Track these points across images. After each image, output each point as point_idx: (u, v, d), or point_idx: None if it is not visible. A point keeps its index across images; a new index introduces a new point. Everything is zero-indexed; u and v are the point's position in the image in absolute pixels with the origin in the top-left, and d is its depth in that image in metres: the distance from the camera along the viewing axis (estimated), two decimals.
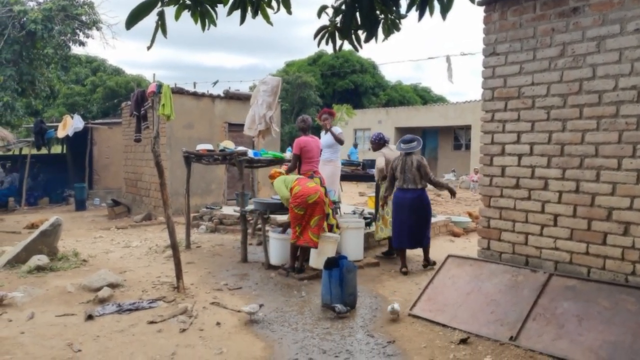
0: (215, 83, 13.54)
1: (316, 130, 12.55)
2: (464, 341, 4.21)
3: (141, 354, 3.82)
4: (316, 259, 6.28)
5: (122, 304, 4.83)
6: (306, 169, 6.62)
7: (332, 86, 31.88)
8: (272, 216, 6.88)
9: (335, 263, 5.15)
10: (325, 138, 7.40)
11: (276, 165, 7.82)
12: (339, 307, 4.79)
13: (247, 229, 7.13)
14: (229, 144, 7.70)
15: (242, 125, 13.41)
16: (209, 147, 7.77)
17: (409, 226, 6.47)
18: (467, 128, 23.05)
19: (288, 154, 8.00)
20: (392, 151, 7.37)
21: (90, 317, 4.46)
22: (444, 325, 4.57)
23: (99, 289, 5.16)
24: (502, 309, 4.45)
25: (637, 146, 4.05)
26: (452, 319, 4.60)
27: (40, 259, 6.02)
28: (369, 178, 8.31)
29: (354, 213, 8.10)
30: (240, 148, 7.31)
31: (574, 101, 4.41)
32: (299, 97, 27.28)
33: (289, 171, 6.82)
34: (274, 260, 6.57)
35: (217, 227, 10.00)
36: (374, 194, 11.22)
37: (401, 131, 25.52)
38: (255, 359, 3.84)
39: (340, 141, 7.38)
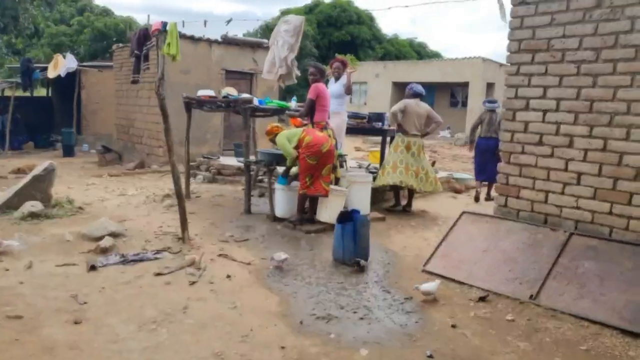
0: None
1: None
2: (482, 299, 4.12)
3: (150, 306, 3.67)
4: (324, 213, 6.12)
5: (126, 254, 4.65)
6: (319, 117, 6.33)
7: (328, 37, 31.06)
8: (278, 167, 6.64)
9: (349, 217, 4.99)
10: (334, 88, 7.09)
11: (281, 114, 7.54)
12: (362, 261, 4.69)
13: (251, 178, 6.91)
14: (232, 91, 7.36)
15: (240, 73, 13.08)
16: (211, 93, 7.44)
17: (488, 164, 8.01)
18: (465, 85, 22.69)
19: (293, 104, 7.71)
20: (419, 106, 7.17)
21: (93, 268, 4.28)
22: (460, 283, 4.48)
23: (100, 238, 4.96)
24: (521, 267, 4.36)
25: None
26: (468, 276, 4.51)
27: (34, 206, 5.78)
28: (375, 131, 8.07)
29: (360, 167, 7.91)
30: (245, 95, 6.99)
31: (607, 55, 4.18)
32: None
33: (301, 116, 6.57)
34: (280, 212, 6.40)
35: (214, 177, 9.78)
36: (374, 149, 11.07)
37: (398, 86, 25.08)
38: (270, 314, 3.71)
39: (350, 90, 7.10)
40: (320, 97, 6.30)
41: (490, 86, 22.28)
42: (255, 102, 6.89)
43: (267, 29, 27.88)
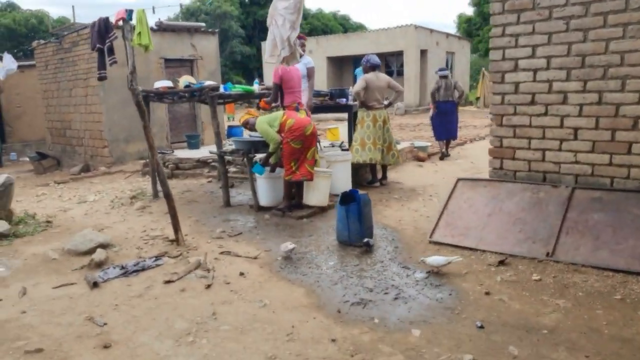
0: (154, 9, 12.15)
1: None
2: (502, 262, 4.15)
3: (177, 318, 3.39)
4: (311, 196, 5.97)
5: (125, 265, 4.28)
6: (290, 100, 6.10)
7: (252, 16, 30.34)
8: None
9: (351, 198, 4.86)
10: (300, 66, 6.85)
11: (245, 99, 7.21)
12: (370, 240, 4.59)
13: (227, 170, 6.59)
14: (190, 79, 6.95)
15: (179, 60, 12.43)
16: (169, 84, 6.98)
17: (449, 124, 9.75)
18: (399, 54, 22.93)
19: (256, 87, 7.41)
20: (378, 79, 7.07)
21: (95, 285, 3.90)
22: (471, 249, 4.49)
23: (88, 252, 4.54)
24: (530, 227, 4.43)
25: None
26: (479, 242, 4.53)
27: None
28: (340, 108, 7.94)
29: (333, 146, 7.77)
30: (210, 82, 6.61)
31: (597, 9, 4.25)
32: (220, 28, 25.65)
33: (269, 103, 6.30)
34: (264, 201, 6.16)
35: (173, 173, 9.29)
36: (331, 127, 10.95)
37: (333, 60, 24.96)
38: (304, 307, 3.54)
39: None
40: (286, 80, 6.05)
41: (423, 53, 22.65)
42: (221, 89, 6.54)
43: (188, 12, 26.79)
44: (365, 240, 4.63)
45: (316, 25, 32.69)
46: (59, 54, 11.90)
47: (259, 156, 6.22)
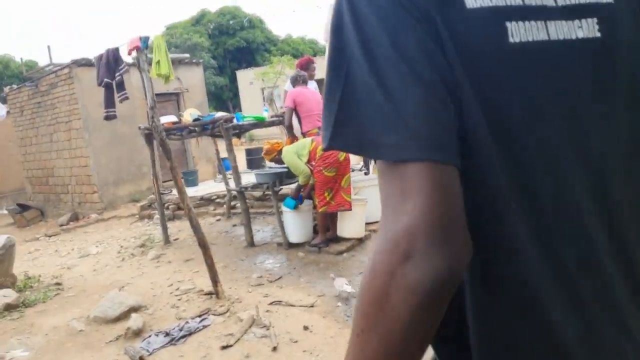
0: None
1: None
2: None
3: None
4: (348, 227, 5.46)
5: (169, 331, 3.67)
6: (309, 126, 5.66)
7: (222, 46, 29.98)
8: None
9: None
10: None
11: (258, 128, 6.74)
12: None
13: (248, 207, 6.06)
14: (196, 111, 6.45)
15: (164, 95, 11.82)
16: (173, 118, 6.45)
17: None
18: None
19: (265, 114, 6.94)
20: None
21: None
22: None
23: (119, 319, 3.93)
24: None
25: None
26: None
27: (6, 295, 4.52)
28: None
29: (352, 170, 7.31)
30: (221, 114, 6.10)
31: None
32: None
33: (288, 129, 5.84)
34: (293, 237, 5.62)
35: (175, 214, 8.68)
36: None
37: (319, 83, 24.60)
38: None
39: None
40: (299, 102, 5.64)
41: None
42: (235, 119, 6.04)
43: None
44: None
45: (287, 51, 32.48)
46: (35, 98, 11.20)
47: (287, 188, 5.71)
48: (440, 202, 0.52)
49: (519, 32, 0.59)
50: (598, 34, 0.63)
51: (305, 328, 3.61)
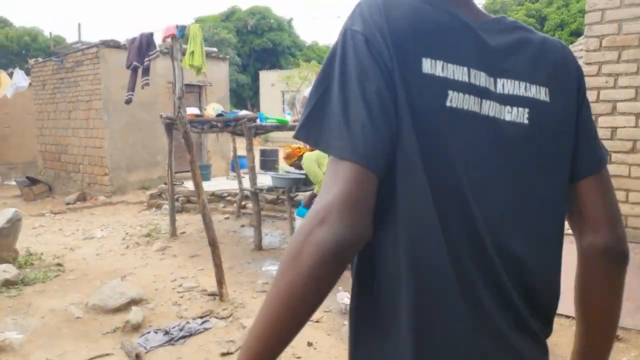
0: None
1: None
2: (616, 338, 3.54)
3: None
4: None
5: (169, 329, 3.53)
6: None
7: (248, 44, 30.00)
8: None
9: None
10: None
11: (280, 131, 6.60)
12: None
13: (260, 210, 5.91)
14: (220, 107, 6.34)
15: (187, 86, 11.75)
16: (196, 111, 6.35)
17: None
18: None
19: (289, 117, 6.81)
20: None
21: (138, 358, 3.15)
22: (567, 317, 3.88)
23: (118, 309, 3.79)
24: (638, 293, 3.83)
25: None
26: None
27: (6, 270, 4.39)
28: None
29: None
30: (245, 112, 5.99)
31: None
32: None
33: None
34: None
35: (184, 207, 8.57)
36: None
37: None
38: None
39: None
40: None
41: None
42: (258, 119, 5.91)
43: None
44: None
45: (312, 57, 32.49)
46: (60, 74, 11.17)
47: (303, 195, 5.57)
48: (354, 191, 0.70)
49: (457, 100, 0.77)
50: (526, 122, 0.83)
51: (310, 344, 3.44)
